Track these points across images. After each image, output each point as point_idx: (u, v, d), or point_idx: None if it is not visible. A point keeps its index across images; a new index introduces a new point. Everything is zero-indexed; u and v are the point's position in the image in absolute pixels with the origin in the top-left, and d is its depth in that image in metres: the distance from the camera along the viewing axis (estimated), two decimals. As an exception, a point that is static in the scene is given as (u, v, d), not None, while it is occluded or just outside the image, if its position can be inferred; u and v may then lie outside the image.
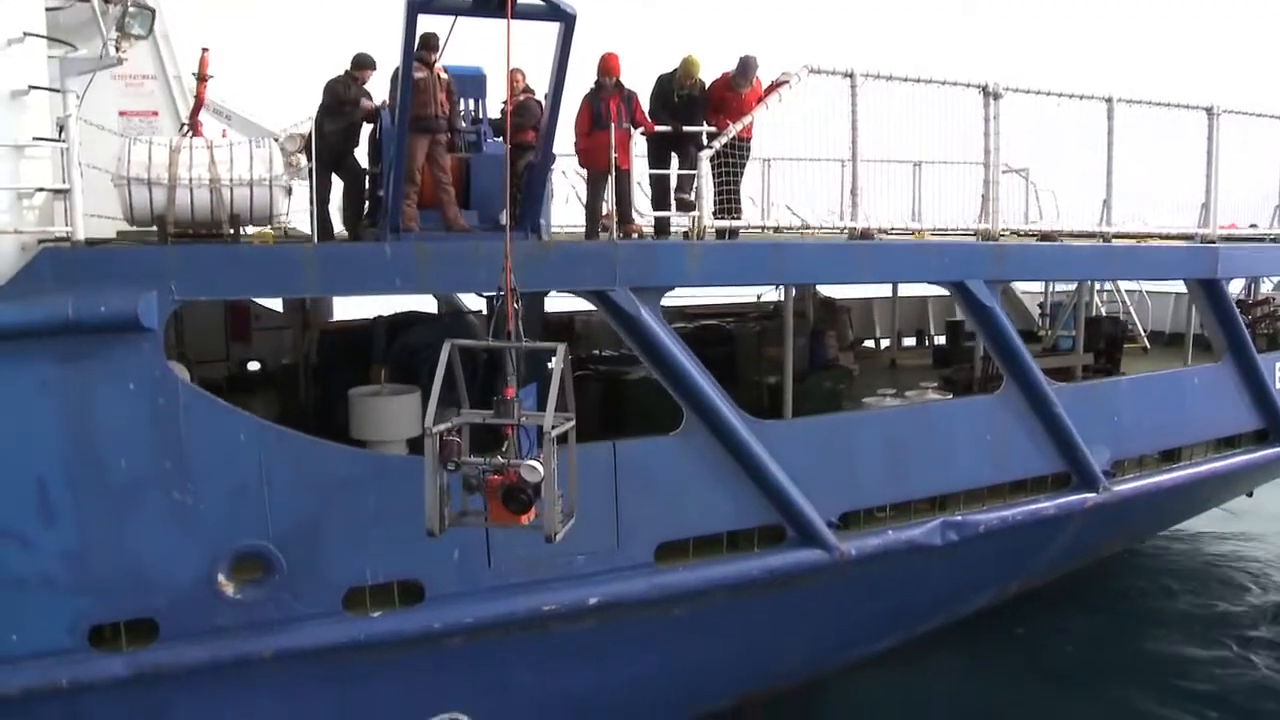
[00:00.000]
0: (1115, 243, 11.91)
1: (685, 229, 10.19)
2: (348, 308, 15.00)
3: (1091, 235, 11.85)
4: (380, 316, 13.73)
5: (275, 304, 15.68)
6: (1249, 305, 15.96)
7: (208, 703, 8.98)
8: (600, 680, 10.41)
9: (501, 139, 10.55)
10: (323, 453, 9.12)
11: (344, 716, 9.57)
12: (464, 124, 10.52)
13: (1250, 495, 16.98)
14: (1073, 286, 17.87)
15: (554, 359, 7.68)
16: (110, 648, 8.57)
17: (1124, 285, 19.38)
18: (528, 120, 10.26)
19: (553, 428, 7.42)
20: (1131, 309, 18.26)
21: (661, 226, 10.50)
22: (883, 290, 19.23)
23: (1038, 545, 12.49)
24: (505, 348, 7.87)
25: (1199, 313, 13.44)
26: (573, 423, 7.93)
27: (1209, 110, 12.40)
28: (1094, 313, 16.70)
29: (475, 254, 9.11)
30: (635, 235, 10.36)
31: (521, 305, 7.93)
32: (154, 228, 8.81)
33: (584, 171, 10.92)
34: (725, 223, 10.09)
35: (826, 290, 19.38)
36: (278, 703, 9.23)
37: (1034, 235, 11.78)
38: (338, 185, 10.58)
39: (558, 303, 20.13)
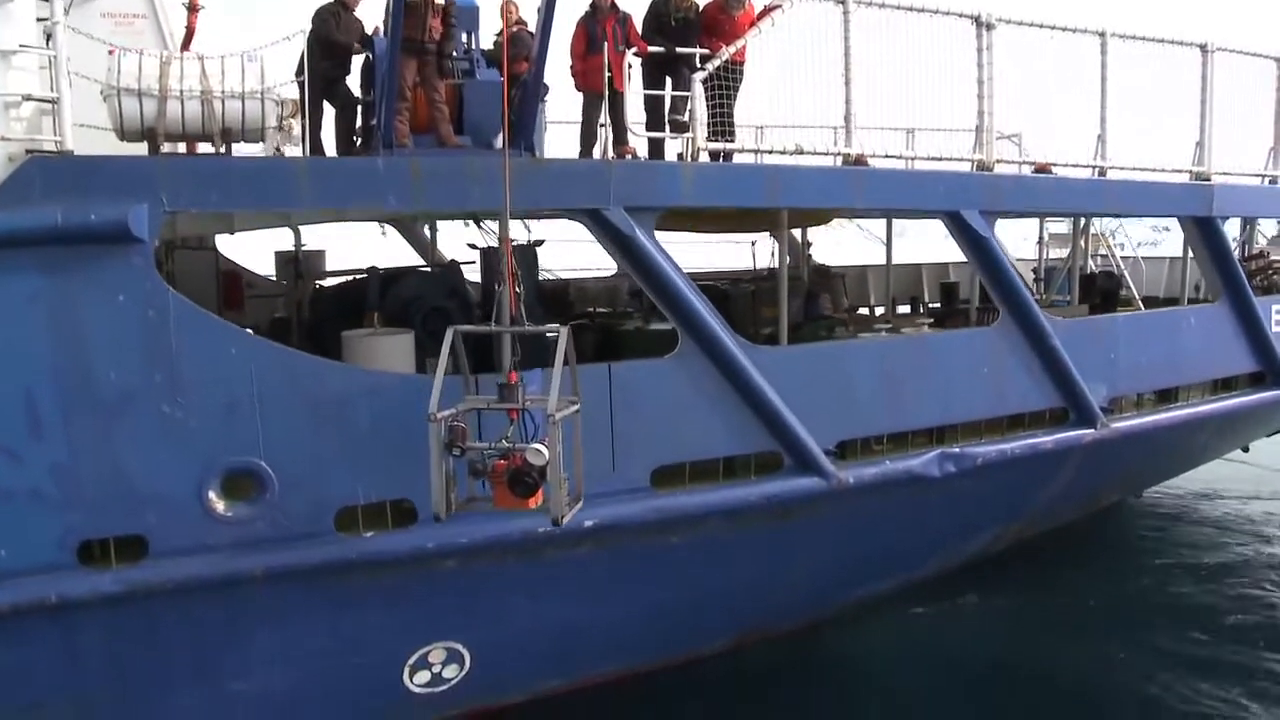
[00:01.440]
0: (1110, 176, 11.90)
1: (679, 152, 10.16)
2: (340, 257, 14.98)
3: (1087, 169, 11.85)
4: (374, 267, 13.70)
5: (269, 270, 15.72)
6: (1243, 260, 15.95)
7: (198, 622, 8.88)
8: (597, 613, 10.31)
9: (494, 68, 10.53)
10: (316, 369, 9.03)
11: (336, 641, 9.46)
12: (457, 52, 10.46)
13: (1246, 450, 16.97)
14: (1066, 252, 17.95)
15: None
16: (100, 565, 8.49)
17: (1119, 252, 19.44)
18: (520, 51, 10.26)
19: (556, 411, 7.50)
20: (1125, 273, 18.28)
21: (655, 148, 10.46)
22: (877, 258, 19.24)
23: (1036, 483, 12.43)
24: (508, 332, 7.92)
25: (1194, 254, 13.40)
26: (578, 406, 7.99)
27: (1203, 47, 12.40)
28: (1089, 268, 16.74)
29: (469, 170, 9.06)
30: (629, 157, 10.32)
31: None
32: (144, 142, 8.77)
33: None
34: (719, 145, 10.05)
35: (820, 258, 19.45)
36: (268, 625, 9.12)
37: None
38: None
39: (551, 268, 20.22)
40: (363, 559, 9.00)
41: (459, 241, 14.50)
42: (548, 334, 8.11)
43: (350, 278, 12.97)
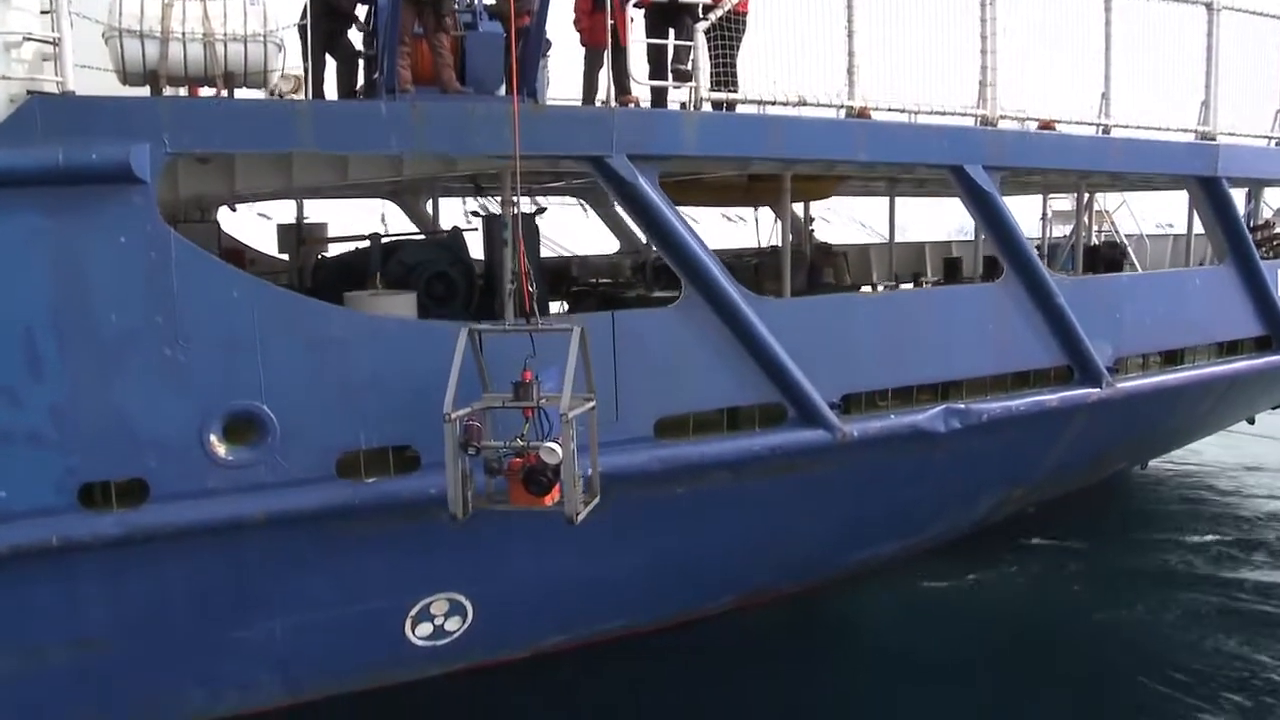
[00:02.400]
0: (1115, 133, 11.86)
1: (682, 102, 10.14)
2: (342, 223, 14.98)
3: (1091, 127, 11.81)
4: (376, 234, 13.67)
5: (270, 248, 15.71)
6: (1249, 231, 15.88)
7: (199, 566, 8.82)
8: (599, 566, 10.24)
9: (496, 21, 10.51)
10: (318, 313, 9.00)
11: (338, 590, 9.41)
12: (459, 4, 10.45)
13: (1252, 422, 16.90)
14: (1069, 229, 17.90)
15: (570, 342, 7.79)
16: (100, 508, 8.44)
17: (1122, 229, 19.42)
18: (523, 5, 10.22)
19: (570, 409, 7.54)
20: (1130, 249, 18.25)
21: (658, 101, 10.42)
22: (879, 235, 19.23)
23: (1041, 443, 12.36)
24: (524, 330, 7.93)
25: (1199, 215, 13.34)
26: (593, 404, 7.95)
27: (1209, 5, 12.35)
28: (1092, 242, 16.70)
29: (471, 115, 9.04)
30: (632, 106, 10.28)
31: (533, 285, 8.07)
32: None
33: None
34: (722, 95, 10.02)
35: (822, 235, 19.45)
36: (269, 570, 9.07)
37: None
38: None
39: (553, 249, 20.25)
40: (365, 505, 8.94)
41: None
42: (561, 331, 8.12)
43: (353, 248, 12.98)
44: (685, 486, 10.15)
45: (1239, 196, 14.92)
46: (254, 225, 18.23)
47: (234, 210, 17.41)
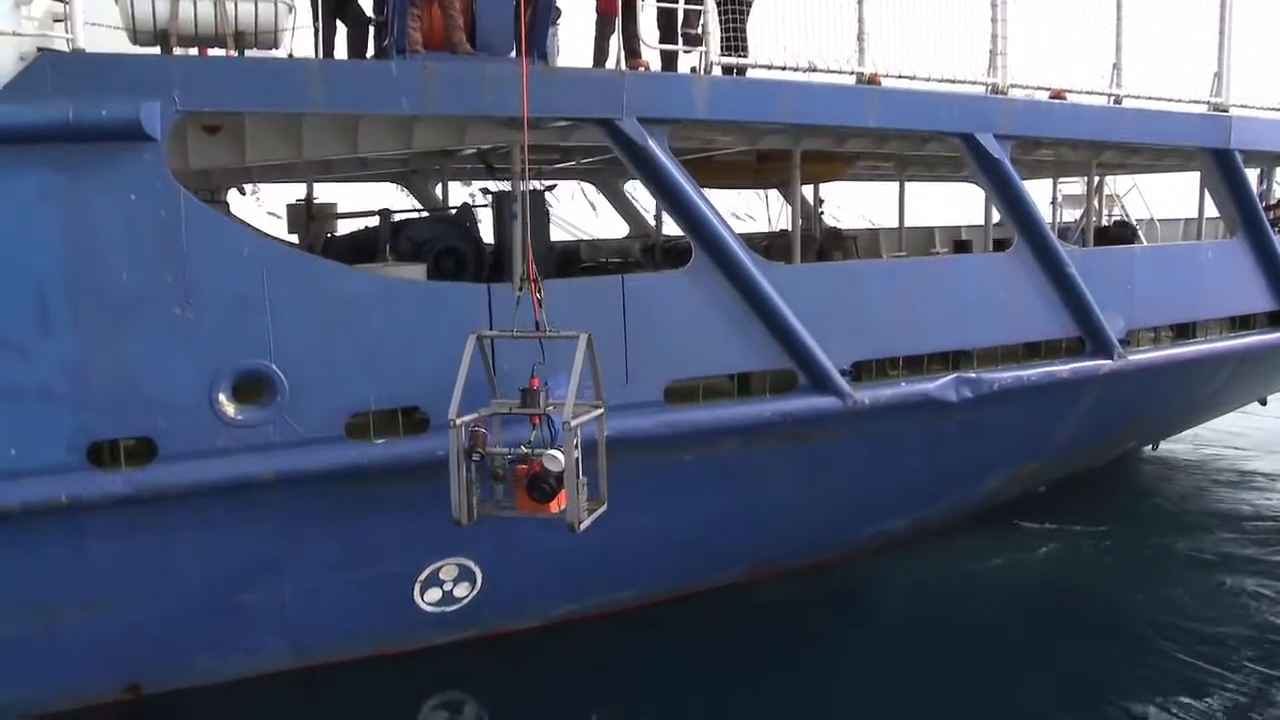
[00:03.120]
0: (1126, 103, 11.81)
1: (692, 66, 10.12)
2: (351, 199, 14.98)
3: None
4: (386, 209, 13.65)
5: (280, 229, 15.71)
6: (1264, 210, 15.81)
7: (207, 526, 8.80)
8: (609, 533, 10.16)
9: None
10: (328, 272, 8.99)
11: (346, 553, 9.38)
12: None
13: (1264, 404, 16.79)
14: (1080, 213, 17.84)
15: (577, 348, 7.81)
16: (110, 467, 8.42)
17: (1134, 213, 19.35)
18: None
19: (574, 418, 7.54)
20: (1140, 232, 18.18)
21: (668, 63, 10.40)
22: (888, 219, 19.19)
23: (1053, 416, 12.28)
24: (532, 337, 7.93)
25: (1210, 189, 13.25)
26: (601, 411, 7.95)
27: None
28: (1103, 222, 16.63)
29: (481, 75, 9.02)
30: (642, 70, 10.27)
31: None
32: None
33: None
34: (732, 60, 10.00)
35: (832, 220, 19.41)
36: (278, 531, 9.04)
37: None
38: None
39: (563, 233, 20.24)
40: (374, 466, 8.92)
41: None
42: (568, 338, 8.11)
43: (363, 226, 12.98)
44: (695, 453, 10.10)
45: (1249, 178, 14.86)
46: (263, 223, 18.24)
47: (243, 194, 17.48)
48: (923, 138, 11.70)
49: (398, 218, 12.86)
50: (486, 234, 12.77)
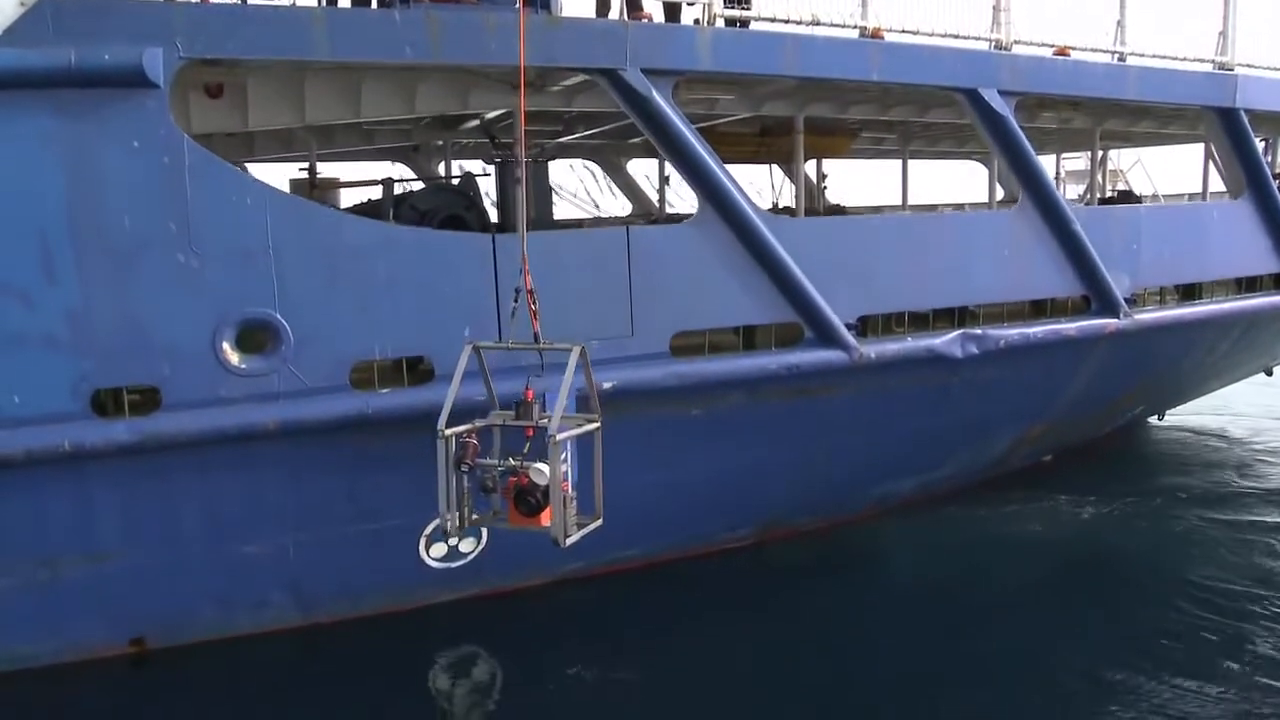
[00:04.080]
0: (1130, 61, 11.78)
1: (696, 18, 10.09)
2: (354, 171, 14.95)
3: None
4: (389, 178, 13.61)
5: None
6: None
7: (211, 476, 8.76)
8: (614, 492, 10.11)
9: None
10: (333, 221, 8.97)
11: (351, 505, 9.33)
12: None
13: (1270, 374, 16.74)
14: (1082, 189, 17.78)
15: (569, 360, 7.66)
16: (113, 416, 8.38)
17: (1138, 189, 19.29)
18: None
19: (559, 433, 7.40)
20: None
21: (671, 14, 10.38)
22: (891, 200, 19.13)
23: (1059, 375, 12.22)
24: (528, 349, 7.92)
25: (1216, 149, 13.20)
26: (598, 424, 7.95)
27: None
28: (1107, 194, 16.59)
29: (486, 24, 8.99)
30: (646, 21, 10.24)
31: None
32: None
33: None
34: (735, 12, 9.98)
35: (836, 199, 19.35)
36: (282, 482, 9.00)
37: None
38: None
39: (565, 210, 20.15)
40: (378, 416, 8.88)
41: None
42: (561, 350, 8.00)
43: (366, 199, 12.95)
44: (701, 408, 10.06)
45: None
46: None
47: (245, 171, 17.44)
48: (926, 99, 11.66)
49: (401, 181, 12.87)
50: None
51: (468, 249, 9.22)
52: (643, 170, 19.69)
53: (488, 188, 15.50)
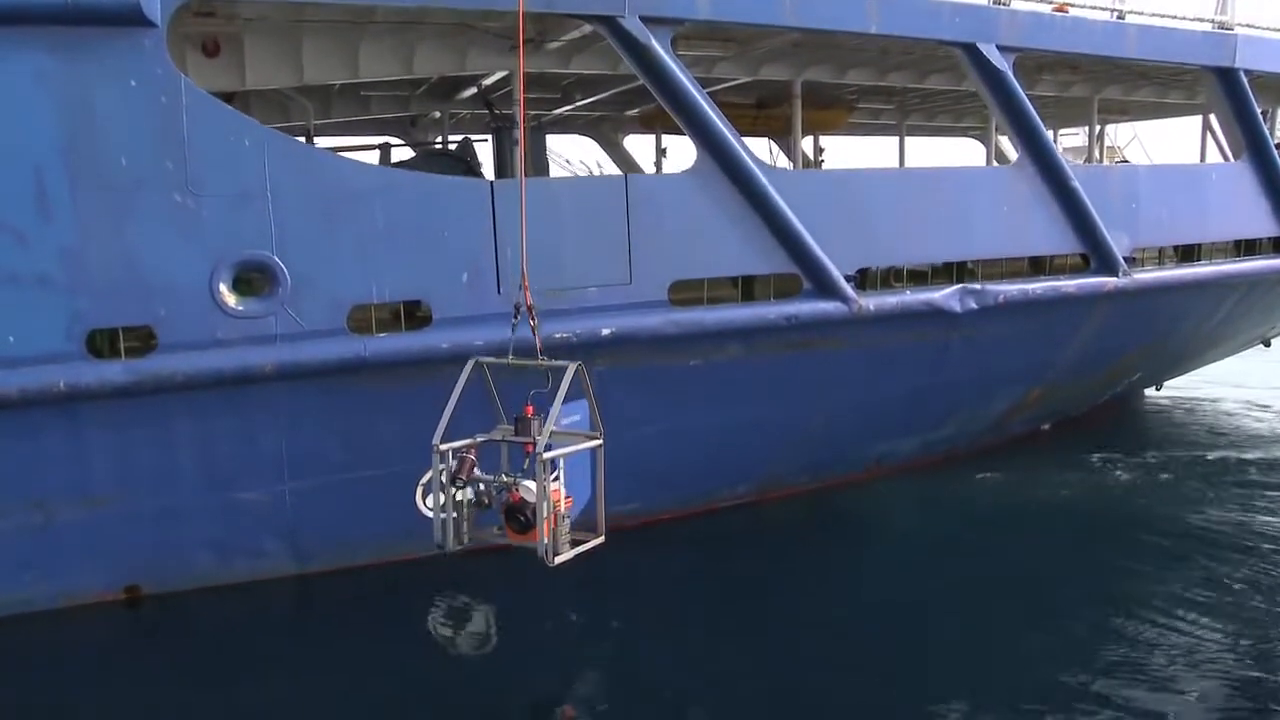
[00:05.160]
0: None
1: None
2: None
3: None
4: (386, 143, 13.59)
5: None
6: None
7: (206, 419, 8.71)
8: (611, 448, 10.05)
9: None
10: (331, 164, 8.92)
11: (348, 452, 9.28)
12: None
13: (1268, 345, 16.72)
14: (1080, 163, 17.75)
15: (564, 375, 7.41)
16: (108, 358, 8.33)
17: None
18: None
19: (548, 452, 7.14)
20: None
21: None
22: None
23: (1059, 335, 12.20)
24: (528, 365, 7.75)
25: (1215, 110, 13.18)
26: (599, 441, 7.76)
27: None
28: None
29: None
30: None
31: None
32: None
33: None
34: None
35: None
36: (278, 425, 8.95)
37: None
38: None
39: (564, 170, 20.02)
40: (375, 359, 8.83)
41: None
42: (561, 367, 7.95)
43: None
44: (701, 358, 10.03)
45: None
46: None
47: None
48: (924, 63, 11.61)
49: (399, 146, 12.85)
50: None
51: (466, 195, 9.19)
52: (639, 147, 19.74)
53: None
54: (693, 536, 10.88)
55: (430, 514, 9.74)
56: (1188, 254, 13.01)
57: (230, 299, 8.49)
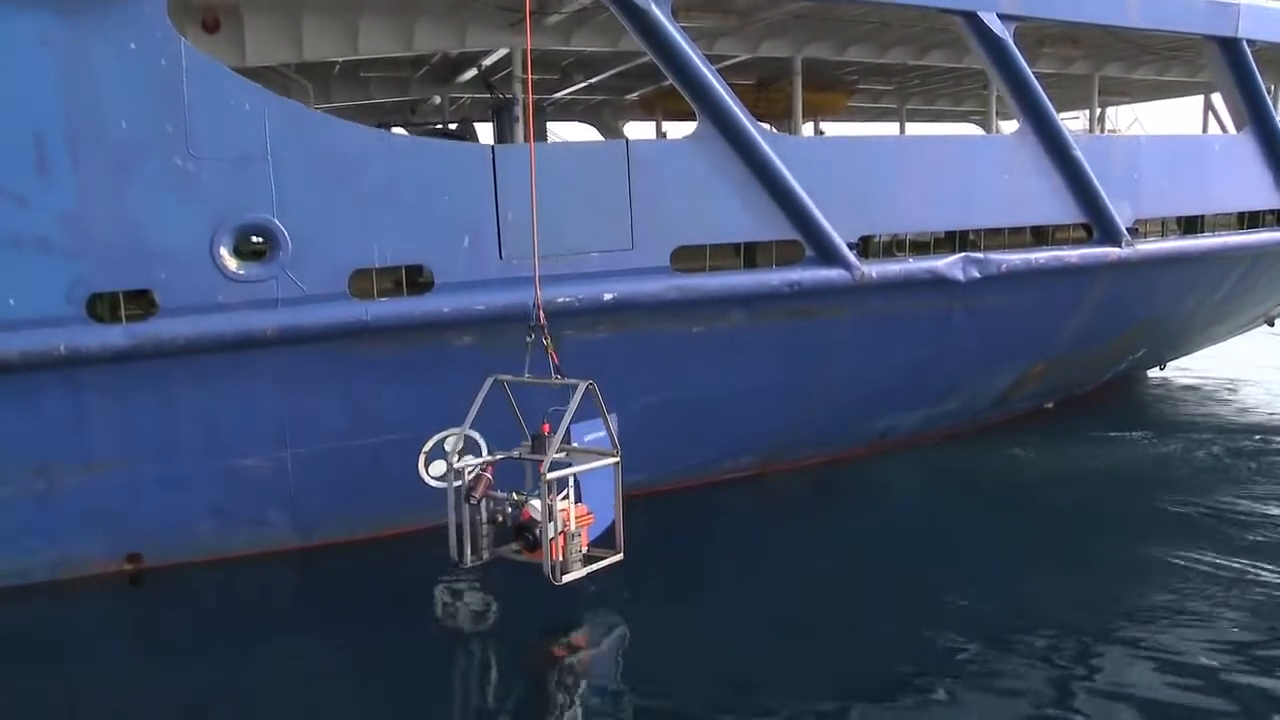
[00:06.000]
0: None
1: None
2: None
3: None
4: (386, 121, 13.57)
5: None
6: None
7: (207, 384, 8.67)
8: (617, 409, 10.01)
9: None
10: (332, 128, 8.89)
11: (349, 418, 9.24)
12: None
13: (1272, 325, 16.67)
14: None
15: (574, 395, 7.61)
16: (109, 322, 8.29)
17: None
18: None
19: (550, 472, 7.31)
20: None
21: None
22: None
23: (1062, 307, 12.14)
24: (540, 384, 7.91)
25: (1217, 81, 13.11)
26: (617, 459, 7.88)
27: None
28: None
29: None
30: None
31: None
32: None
33: None
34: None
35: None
36: (279, 390, 8.91)
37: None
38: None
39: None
40: (377, 323, 8.80)
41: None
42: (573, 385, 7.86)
43: None
44: (703, 324, 9.99)
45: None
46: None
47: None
48: (924, 38, 11.56)
49: (400, 127, 12.83)
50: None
51: (467, 159, 9.15)
52: (641, 134, 19.68)
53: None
54: (696, 507, 10.81)
55: (433, 483, 9.84)
56: (1191, 227, 12.95)
57: (231, 263, 8.46)
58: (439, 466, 9.77)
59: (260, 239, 8.61)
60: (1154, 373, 17.15)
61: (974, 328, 11.42)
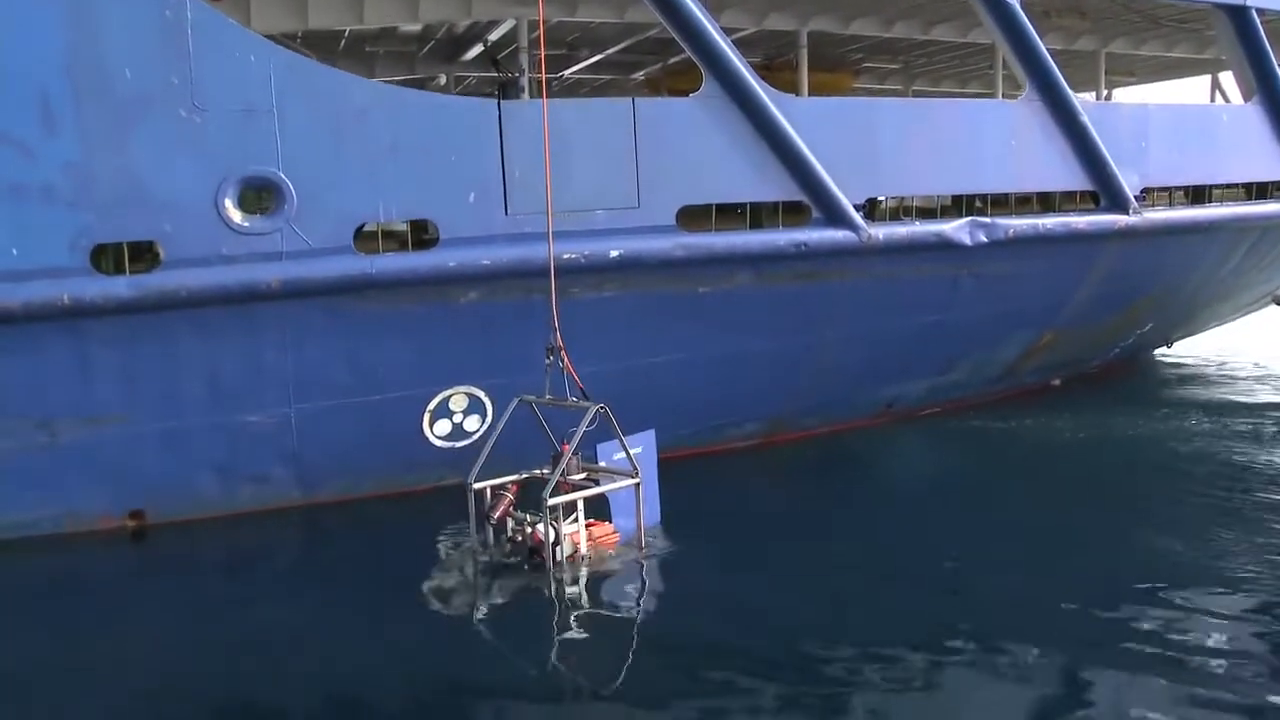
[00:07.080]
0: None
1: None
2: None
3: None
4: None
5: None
6: None
7: (211, 337, 8.64)
8: (623, 378, 9.96)
9: None
10: (338, 81, 8.87)
11: (354, 375, 9.20)
12: None
13: (1278, 303, 16.57)
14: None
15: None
16: (113, 274, 8.27)
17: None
18: None
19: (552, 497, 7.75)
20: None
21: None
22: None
23: (1069, 275, 12.06)
24: (558, 405, 8.30)
25: (1225, 51, 13.02)
26: (637, 480, 8.15)
27: None
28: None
29: None
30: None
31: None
32: None
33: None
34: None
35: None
36: (283, 343, 8.88)
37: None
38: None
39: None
40: (382, 277, 8.77)
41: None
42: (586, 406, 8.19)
43: None
44: (710, 285, 9.95)
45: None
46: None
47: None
48: (930, 11, 11.48)
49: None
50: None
51: (473, 115, 9.12)
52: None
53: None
54: (700, 475, 10.70)
55: (438, 442, 9.80)
56: (1198, 198, 12.86)
57: (236, 215, 8.44)
58: (444, 425, 9.76)
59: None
60: (1160, 351, 17.05)
61: (981, 295, 11.36)
